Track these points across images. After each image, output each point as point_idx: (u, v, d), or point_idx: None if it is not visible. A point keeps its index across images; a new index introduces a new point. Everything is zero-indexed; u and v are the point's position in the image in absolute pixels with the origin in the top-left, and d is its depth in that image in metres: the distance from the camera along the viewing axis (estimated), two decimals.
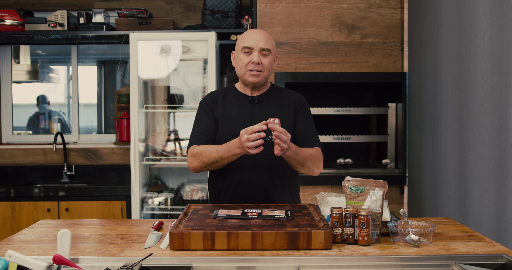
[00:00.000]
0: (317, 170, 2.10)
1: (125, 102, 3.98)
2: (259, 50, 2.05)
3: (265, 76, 2.09)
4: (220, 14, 3.63)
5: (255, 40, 2.06)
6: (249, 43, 2.06)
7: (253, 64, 2.05)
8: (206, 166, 2.02)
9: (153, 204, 3.69)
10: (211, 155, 1.98)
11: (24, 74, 4.38)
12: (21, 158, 4.08)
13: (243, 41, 2.08)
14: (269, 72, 2.10)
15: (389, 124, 3.67)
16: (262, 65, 2.06)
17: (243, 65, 2.07)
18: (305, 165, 2.03)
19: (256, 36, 2.07)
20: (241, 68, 2.09)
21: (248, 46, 2.06)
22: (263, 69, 2.07)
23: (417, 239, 1.60)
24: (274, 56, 2.13)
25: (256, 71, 2.06)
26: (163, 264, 1.44)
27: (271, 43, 2.09)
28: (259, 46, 2.05)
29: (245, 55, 2.07)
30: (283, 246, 1.54)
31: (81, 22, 3.72)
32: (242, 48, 2.08)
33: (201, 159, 2.01)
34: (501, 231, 2.07)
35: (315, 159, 2.07)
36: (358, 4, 3.59)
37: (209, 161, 1.99)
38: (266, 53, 2.07)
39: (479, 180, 2.30)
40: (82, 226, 1.90)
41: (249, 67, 2.06)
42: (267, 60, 2.07)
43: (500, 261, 1.48)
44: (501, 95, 2.08)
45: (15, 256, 1.28)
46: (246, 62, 2.06)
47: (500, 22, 2.10)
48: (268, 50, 2.07)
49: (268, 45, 2.07)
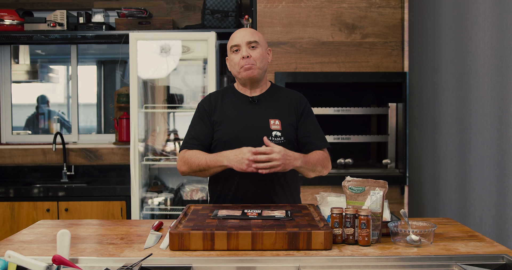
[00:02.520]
0: (325, 171, 2.10)
1: (124, 102, 3.98)
2: (246, 44, 2.06)
3: (259, 69, 2.07)
4: (220, 14, 3.62)
5: (240, 37, 2.07)
6: (235, 41, 2.08)
7: (243, 59, 2.05)
8: (194, 172, 2.05)
9: (152, 204, 3.69)
10: (199, 162, 2.00)
11: (24, 74, 4.38)
12: (21, 158, 4.07)
13: (230, 42, 2.11)
14: (262, 64, 2.08)
15: (389, 124, 3.67)
16: (252, 58, 2.05)
17: (236, 64, 2.08)
18: (316, 170, 2.05)
19: (241, 33, 2.09)
20: (234, 67, 2.09)
21: (235, 43, 2.07)
22: (254, 61, 2.05)
23: (417, 239, 1.59)
24: (265, 49, 2.12)
25: (248, 65, 2.05)
26: (163, 264, 1.44)
27: (257, 35, 2.09)
28: (245, 40, 2.06)
29: (235, 54, 2.08)
30: (283, 247, 1.53)
31: (80, 22, 3.72)
32: (231, 48, 2.09)
33: (189, 165, 2.04)
34: (502, 232, 2.06)
35: (324, 162, 2.07)
36: (359, 3, 3.58)
37: (197, 168, 2.02)
38: (254, 45, 2.06)
39: (479, 180, 2.29)
40: (82, 227, 1.89)
41: (240, 64, 2.06)
42: (256, 52, 2.06)
43: (500, 262, 1.48)
44: (501, 95, 2.08)
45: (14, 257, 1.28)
46: (237, 60, 2.07)
47: (500, 21, 2.09)
48: (254, 41, 2.06)
49: (253, 38, 2.07)
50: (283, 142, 2.04)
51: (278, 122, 2.06)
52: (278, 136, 2.04)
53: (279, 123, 2.06)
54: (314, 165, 2.02)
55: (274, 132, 2.04)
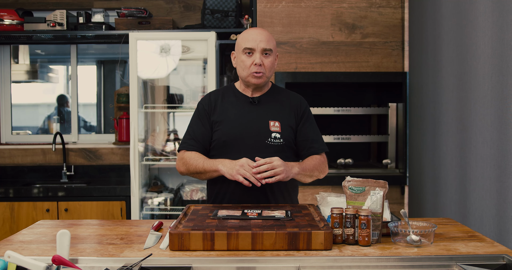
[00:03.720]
0: (322, 175, 2.11)
1: (124, 102, 3.97)
2: (261, 51, 2.01)
3: (267, 77, 2.06)
4: (220, 14, 3.62)
5: (256, 40, 2.01)
6: (250, 44, 2.01)
7: (255, 66, 2.01)
8: (191, 174, 2.06)
9: (152, 204, 3.69)
10: (197, 165, 2.01)
11: (23, 74, 4.38)
12: (20, 158, 4.07)
13: (244, 42, 2.04)
14: (270, 73, 2.07)
15: (389, 124, 3.67)
16: (264, 66, 2.02)
17: (246, 67, 2.03)
18: (313, 176, 2.07)
19: (257, 36, 2.02)
20: (244, 69, 2.05)
21: (250, 47, 2.01)
22: (264, 70, 2.03)
23: (417, 239, 1.59)
24: (275, 55, 2.10)
25: (259, 73, 2.02)
26: (162, 264, 1.44)
27: (272, 42, 2.05)
28: (261, 46, 2.01)
29: (247, 56, 2.03)
30: (283, 247, 1.53)
31: (80, 22, 3.71)
32: (243, 49, 2.03)
33: (187, 167, 2.05)
34: (502, 232, 2.06)
35: (321, 167, 2.08)
36: (359, 3, 3.58)
37: (194, 170, 2.03)
38: (268, 53, 2.03)
39: (480, 180, 2.29)
40: (82, 227, 1.89)
41: (252, 70, 2.02)
42: (268, 61, 2.04)
43: (501, 262, 1.48)
44: (502, 95, 2.08)
45: (14, 257, 1.28)
46: (249, 64, 2.02)
47: (501, 21, 2.09)
48: (269, 50, 2.03)
49: (269, 45, 2.03)
50: (282, 144, 2.04)
51: (278, 124, 2.06)
52: (277, 138, 2.03)
53: (278, 125, 2.06)
54: (311, 171, 2.03)
55: (274, 133, 2.04)
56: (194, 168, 2.01)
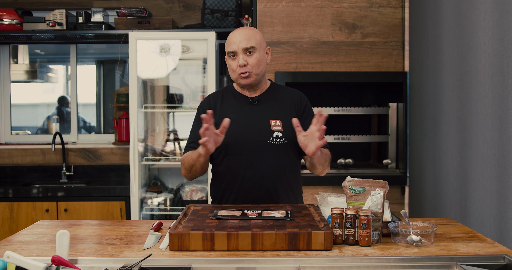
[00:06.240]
0: (326, 170, 2.09)
1: (124, 102, 3.97)
2: (242, 51, 2.01)
3: (256, 75, 2.03)
4: (220, 13, 3.61)
5: (235, 42, 2.01)
6: (231, 48, 2.02)
7: (240, 67, 2.01)
8: (189, 172, 2.04)
9: (152, 204, 3.68)
10: (189, 159, 2.00)
11: (23, 74, 4.37)
12: (20, 158, 4.06)
13: (227, 46, 2.05)
14: (259, 70, 2.04)
15: (390, 124, 3.66)
16: (249, 66, 2.01)
17: (233, 70, 2.04)
18: (324, 165, 2.03)
19: (236, 38, 2.02)
20: (232, 73, 2.06)
21: (231, 50, 2.02)
22: (251, 69, 2.01)
23: (418, 239, 1.59)
24: (263, 50, 2.06)
25: (245, 73, 2.01)
26: (162, 265, 1.43)
27: (253, 39, 2.02)
28: (241, 47, 2.00)
29: (232, 59, 2.04)
30: (283, 247, 1.53)
31: (80, 22, 3.71)
32: (228, 54, 2.05)
33: (184, 167, 2.04)
34: (503, 232, 2.06)
35: (328, 160, 2.07)
36: (359, 3, 3.58)
37: (188, 166, 2.01)
38: (251, 50, 2.01)
39: (480, 180, 2.29)
40: (81, 227, 1.89)
41: (238, 71, 2.02)
42: (253, 58, 2.01)
43: (501, 262, 1.47)
44: (502, 95, 2.07)
45: (13, 257, 1.27)
46: (235, 66, 2.03)
47: (501, 21, 2.09)
48: (251, 47, 2.01)
49: (250, 43, 2.00)
50: (285, 142, 2.03)
51: (279, 123, 2.05)
52: (279, 137, 2.03)
53: (280, 124, 2.05)
54: (324, 159, 2.01)
55: (275, 133, 2.03)
56: (188, 163, 2.00)
